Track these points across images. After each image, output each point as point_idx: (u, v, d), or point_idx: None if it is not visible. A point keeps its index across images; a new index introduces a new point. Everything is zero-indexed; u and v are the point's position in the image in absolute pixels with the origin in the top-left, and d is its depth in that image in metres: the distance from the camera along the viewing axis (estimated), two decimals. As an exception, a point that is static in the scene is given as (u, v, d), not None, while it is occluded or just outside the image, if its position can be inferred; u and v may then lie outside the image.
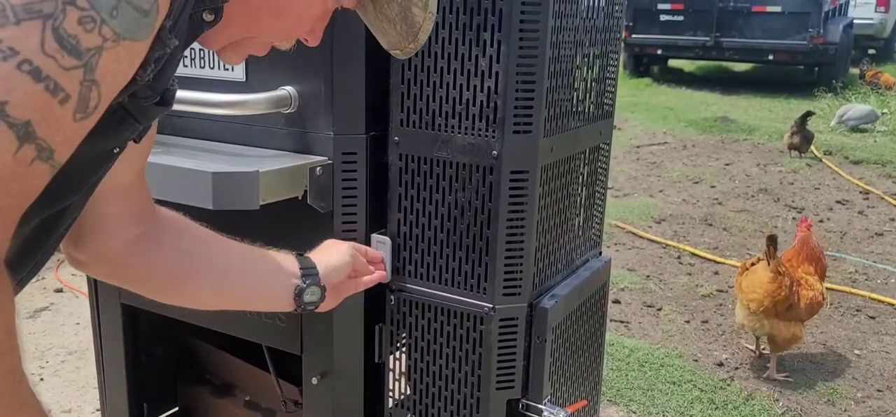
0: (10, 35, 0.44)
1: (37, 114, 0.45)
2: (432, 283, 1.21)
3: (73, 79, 0.46)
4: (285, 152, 1.19)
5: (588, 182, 1.37)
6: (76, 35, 0.46)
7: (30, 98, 0.44)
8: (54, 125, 0.46)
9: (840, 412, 2.31)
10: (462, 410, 1.24)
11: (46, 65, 0.45)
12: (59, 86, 0.45)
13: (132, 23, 0.49)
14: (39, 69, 0.44)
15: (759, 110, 7.77)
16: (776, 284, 2.29)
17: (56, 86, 0.45)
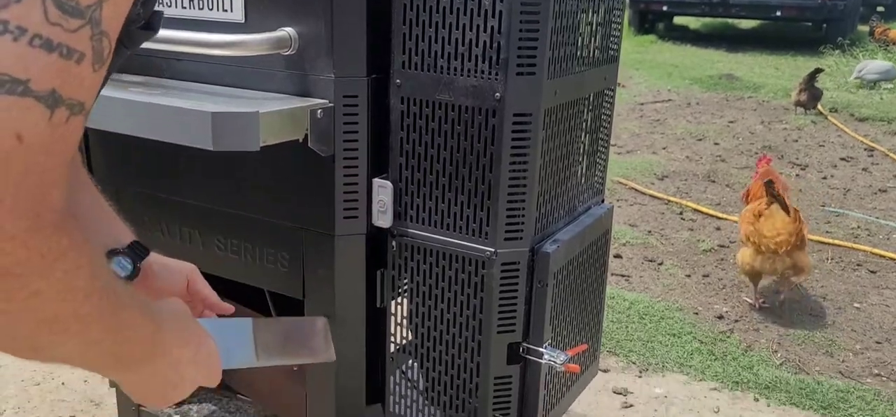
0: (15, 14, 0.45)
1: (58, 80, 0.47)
2: (434, 228, 1.21)
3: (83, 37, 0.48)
4: (285, 95, 1.18)
5: (592, 128, 1.36)
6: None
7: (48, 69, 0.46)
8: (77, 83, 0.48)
9: (838, 363, 2.33)
10: (463, 354, 1.25)
11: (54, 33, 0.46)
12: (71, 49, 0.47)
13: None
14: (50, 39, 0.46)
15: (765, 67, 7.69)
16: (797, 222, 2.47)
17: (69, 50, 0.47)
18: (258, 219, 1.29)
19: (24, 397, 1.99)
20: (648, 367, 2.27)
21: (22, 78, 0.45)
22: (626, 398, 2.10)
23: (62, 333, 0.54)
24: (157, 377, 0.69)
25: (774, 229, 2.47)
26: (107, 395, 1.98)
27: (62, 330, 0.53)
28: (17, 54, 0.45)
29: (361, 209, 1.22)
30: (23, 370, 2.11)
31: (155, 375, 0.69)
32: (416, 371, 1.33)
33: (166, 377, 0.70)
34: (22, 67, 0.45)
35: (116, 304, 0.58)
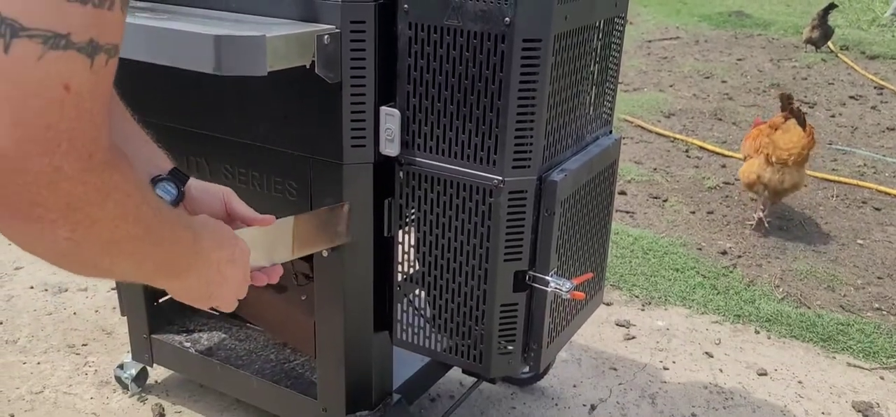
0: None
1: (95, 30, 0.50)
2: (441, 156, 1.21)
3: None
4: (292, 20, 1.17)
5: (601, 56, 1.34)
6: None
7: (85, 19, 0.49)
8: (111, 27, 0.51)
9: (839, 297, 2.36)
10: (470, 281, 1.26)
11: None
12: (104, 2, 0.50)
13: None
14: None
15: (775, 4, 7.55)
16: (810, 137, 2.62)
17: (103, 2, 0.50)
18: (265, 148, 1.29)
19: (38, 326, 2.03)
20: (651, 301, 2.30)
21: (63, 32, 0.48)
22: (629, 330, 2.13)
23: (119, 254, 0.60)
24: (201, 280, 0.77)
25: (791, 142, 2.59)
26: (118, 324, 2.01)
27: (118, 251, 0.60)
28: (56, 9, 0.47)
29: (369, 137, 1.22)
30: (35, 300, 2.15)
31: (199, 278, 0.77)
32: (422, 299, 1.35)
33: (210, 278, 0.78)
34: (62, 22, 0.48)
35: (162, 222, 0.65)
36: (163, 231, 0.66)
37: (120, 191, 0.57)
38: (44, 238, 0.54)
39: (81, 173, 0.52)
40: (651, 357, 2.01)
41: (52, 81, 0.48)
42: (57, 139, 0.49)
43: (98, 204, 0.55)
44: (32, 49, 0.47)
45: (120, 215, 0.58)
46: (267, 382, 1.52)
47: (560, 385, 1.87)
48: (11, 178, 0.49)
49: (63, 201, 0.52)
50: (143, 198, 0.61)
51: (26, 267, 2.30)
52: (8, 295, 2.16)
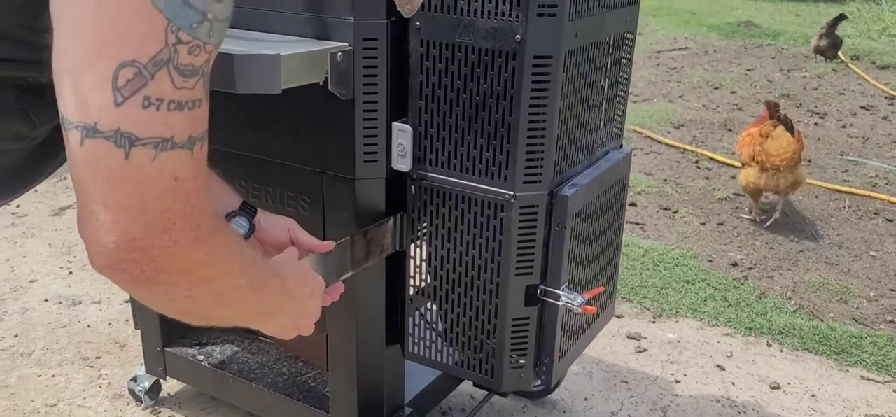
0: (152, 89, 0.58)
1: (191, 128, 0.61)
2: (453, 171, 1.22)
3: (199, 87, 0.61)
4: (305, 38, 1.18)
5: (612, 71, 1.35)
6: (190, 63, 0.60)
7: (183, 123, 0.60)
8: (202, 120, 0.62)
9: (852, 309, 2.34)
10: (481, 296, 1.27)
11: (181, 95, 0.59)
12: (195, 101, 0.61)
13: (222, 32, 0.63)
14: (180, 102, 0.59)
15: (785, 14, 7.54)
16: (799, 142, 2.75)
17: (193, 103, 0.60)
18: (279, 163, 1.30)
19: (52, 338, 2.05)
20: (662, 313, 2.29)
21: (167, 136, 0.59)
22: (640, 343, 2.13)
23: (227, 303, 0.72)
24: (291, 316, 0.88)
25: (781, 148, 2.73)
26: (131, 337, 2.03)
27: (226, 300, 0.71)
28: (160, 120, 0.58)
29: (381, 152, 1.23)
30: (50, 313, 2.17)
31: (290, 315, 0.88)
32: (434, 313, 1.35)
33: (298, 313, 0.89)
34: (166, 129, 0.59)
35: (258, 272, 0.77)
36: (260, 278, 0.77)
37: (225, 250, 0.68)
38: (166, 297, 0.65)
39: (194, 242, 0.63)
40: (662, 370, 2.01)
41: (164, 176, 0.59)
42: (173, 219, 0.61)
43: (210, 265, 0.66)
44: (147, 154, 0.58)
45: (227, 271, 0.69)
46: (279, 395, 1.53)
47: (571, 398, 1.87)
48: (142, 255, 0.61)
49: (181, 267, 0.63)
50: (243, 254, 0.73)
51: (41, 280, 2.32)
52: (23, 308, 2.18)
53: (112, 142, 0.57)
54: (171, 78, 0.58)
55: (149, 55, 0.57)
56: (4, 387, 1.84)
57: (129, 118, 0.57)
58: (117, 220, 0.59)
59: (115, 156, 0.57)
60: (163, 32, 0.57)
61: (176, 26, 0.58)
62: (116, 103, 0.57)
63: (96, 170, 0.59)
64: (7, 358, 1.95)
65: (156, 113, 0.58)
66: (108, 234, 0.60)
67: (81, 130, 0.58)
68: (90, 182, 0.60)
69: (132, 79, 0.57)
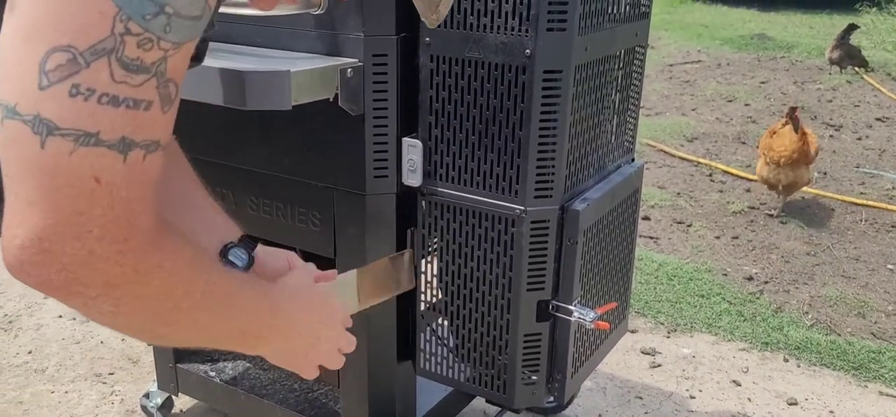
0: (84, 77, 0.52)
1: (128, 128, 0.55)
2: (464, 186, 1.22)
3: (149, 87, 0.55)
4: (315, 54, 1.19)
5: (622, 85, 1.34)
6: (138, 56, 0.54)
7: (116, 120, 0.54)
8: (147, 126, 0.56)
9: (870, 324, 2.31)
10: (493, 311, 1.26)
11: (120, 90, 0.54)
12: (137, 100, 0.55)
13: (186, 30, 0.56)
14: (116, 96, 0.53)
15: (798, 26, 7.50)
16: (801, 140, 2.93)
17: (135, 101, 0.54)
18: (290, 179, 1.30)
19: (66, 355, 2.06)
20: (677, 328, 2.27)
21: (92, 131, 0.53)
22: (654, 358, 2.11)
23: (171, 324, 0.65)
24: (291, 343, 0.81)
25: (782, 145, 2.94)
26: (144, 353, 2.03)
27: (171, 321, 0.64)
28: (87, 112, 0.53)
29: (391, 168, 1.23)
30: (63, 329, 2.18)
31: (288, 342, 0.81)
32: (445, 328, 1.34)
33: (303, 340, 0.83)
34: (92, 122, 0.53)
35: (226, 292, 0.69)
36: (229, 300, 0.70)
37: (165, 268, 0.61)
38: (89, 310, 0.59)
39: (117, 255, 0.57)
40: (677, 386, 1.98)
41: (82, 174, 0.53)
42: (88, 225, 0.54)
43: (139, 282, 0.59)
44: (64, 146, 0.52)
45: (166, 291, 0.62)
46: (291, 412, 1.52)
47: (585, 414, 1.85)
48: (49, 259, 0.54)
49: (100, 280, 0.57)
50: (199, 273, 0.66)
51: (55, 297, 2.34)
52: (37, 324, 2.20)
53: (29, 127, 0.52)
54: (110, 69, 0.53)
55: (89, 42, 0.52)
56: (18, 404, 1.85)
57: (52, 104, 0.52)
58: (25, 215, 0.54)
59: (31, 143, 0.52)
60: (110, 20, 0.53)
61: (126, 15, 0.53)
62: (40, 86, 0.52)
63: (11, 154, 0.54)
64: (21, 375, 1.96)
65: (83, 103, 0.53)
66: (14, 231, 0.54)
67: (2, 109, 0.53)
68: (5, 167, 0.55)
69: (64, 63, 0.52)
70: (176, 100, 0.59)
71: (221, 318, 0.70)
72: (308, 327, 0.83)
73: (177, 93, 0.59)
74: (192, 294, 0.64)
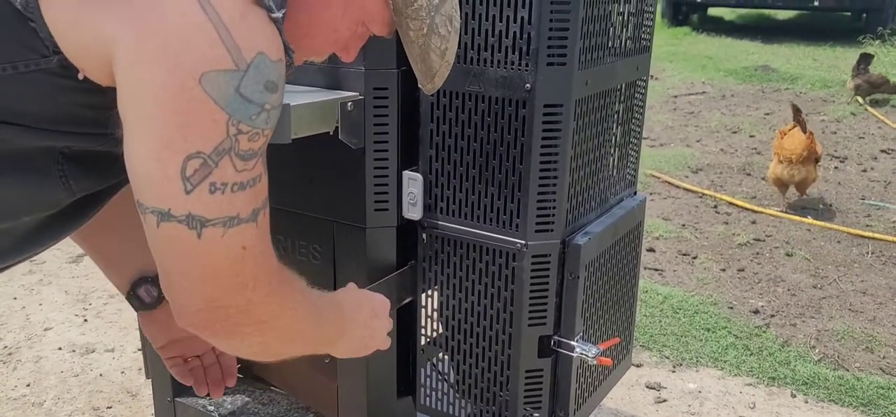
0: (218, 175, 0.66)
1: (255, 202, 0.70)
2: (464, 220, 1.21)
3: (259, 165, 0.70)
4: (316, 88, 1.19)
5: (624, 119, 1.34)
6: (249, 148, 0.68)
7: (247, 200, 0.69)
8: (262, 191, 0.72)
9: (878, 359, 2.27)
10: (494, 346, 1.24)
11: (242, 177, 0.68)
12: (254, 179, 0.69)
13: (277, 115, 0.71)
14: (242, 183, 0.68)
15: (802, 59, 7.51)
16: (810, 140, 3.30)
17: (253, 180, 0.69)
18: (290, 212, 1.30)
19: (64, 388, 2.04)
20: (682, 362, 2.24)
21: (233, 215, 0.68)
22: (660, 393, 2.08)
23: (292, 341, 0.83)
24: (354, 339, 0.99)
25: (794, 144, 3.31)
26: (143, 386, 2.01)
27: (292, 339, 0.83)
28: (226, 202, 0.67)
29: (392, 201, 1.23)
30: (63, 361, 2.16)
31: (353, 338, 0.98)
32: (446, 363, 1.33)
33: (362, 335, 1.00)
34: (231, 208, 0.68)
35: (320, 310, 0.89)
36: (321, 316, 0.89)
37: (291, 300, 0.79)
38: (243, 345, 0.77)
39: (266, 297, 0.74)
40: (683, 422, 1.95)
41: (233, 247, 0.69)
42: (244, 281, 0.71)
43: (280, 315, 0.76)
44: (217, 232, 0.67)
45: (293, 317, 0.79)
46: (289, 448, 1.50)
47: (589, 450, 1.82)
48: (221, 313, 0.71)
49: (256, 319, 0.74)
50: (306, 299, 0.84)
51: (55, 328, 2.33)
52: (36, 357, 2.18)
53: (185, 224, 0.66)
54: (233, 164, 0.66)
55: (212, 146, 0.64)
56: (15, 437, 1.83)
57: (199, 204, 0.65)
58: (196, 288, 0.69)
59: (189, 236, 0.66)
60: (224, 126, 0.64)
61: (237, 120, 0.65)
62: (186, 191, 0.65)
63: (174, 247, 0.67)
64: (18, 408, 1.95)
65: (221, 196, 0.66)
66: (190, 297, 0.70)
67: (157, 215, 0.66)
68: (169, 257, 0.69)
69: (199, 168, 0.64)
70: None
71: (319, 330, 0.89)
72: (363, 322, 0.99)
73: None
74: (308, 316, 0.83)
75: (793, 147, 3.30)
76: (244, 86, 0.65)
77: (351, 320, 0.97)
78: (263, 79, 0.66)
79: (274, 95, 0.67)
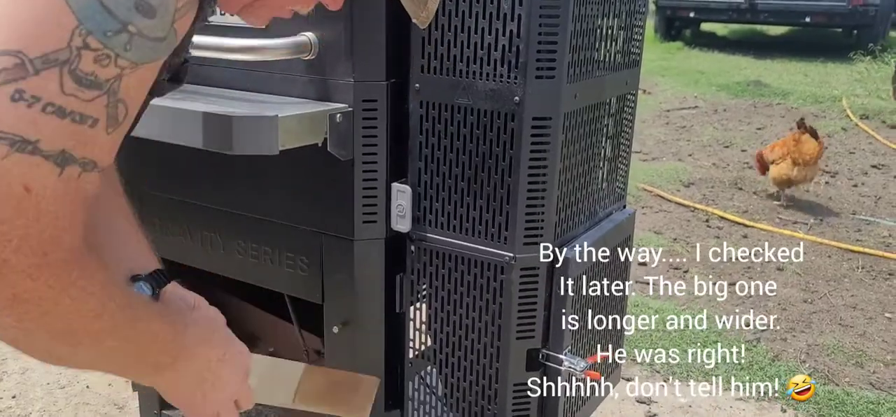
0: (32, 84, 0.51)
1: (69, 142, 0.53)
2: (453, 232, 1.20)
3: (98, 105, 0.54)
4: (305, 99, 1.19)
5: (613, 132, 1.34)
6: (93, 71, 0.53)
7: (58, 131, 0.53)
8: (89, 143, 0.55)
9: (868, 373, 2.28)
10: (482, 360, 1.24)
11: (68, 102, 0.53)
12: (84, 116, 0.54)
13: (148, 50, 0.56)
14: (63, 107, 0.52)
15: (793, 74, 7.58)
16: (821, 144, 3.78)
17: (82, 116, 0.53)
18: (278, 223, 1.29)
19: (50, 400, 2.02)
20: (673, 376, 2.24)
21: (31, 138, 0.52)
22: (650, 407, 2.08)
23: (75, 345, 0.62)
24: (187, 377, 0.77)
25: (811, 149, 3.76)
26: (130, 399, 2.00)
27: (75, 342, 0.62)
28: (28, 119, 0.51)
29: (380, 213, 1.22)
30: (49, 373, 2.15)
31: (185, 375, 0.76)
32: (434, 376, 1.32)
33: (199, 376, 0.78)
34: (33, 129, 0.51)
35: (133, 318, 0.67)
36: (135, 326, 0.67)
37: (77, 288, 0.58)
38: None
39: (31, 268, 0.54)
40: (673, 437, 1.95)
41: (12, 180, 0.51)
42: (8, 234, 0.52)
43: (50, 298, 0.57)
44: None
45: (75, 310, 0.59)
46: (276, 461, 1.49)
47: (578, 465, 1.81)
48: None
49: (8, 292, 0.54)
50: (110, 297, 0.63)
51: (43, 339, 2.31)
52: (23, 368, 2.17)
53: None
54: (60, 80, 0.52)
55: (41, 51, 0.52)
56: (0, 450, 1.81)
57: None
58: None
59: None
60: (68, 32, 0.52)
61: (86, 29, 0.53)
62: None
63: None
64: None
65: (25, 109, 0.52)
66: None
67: None
68: None
69: (9, 67, 0.51)
70: (123, 123, 0.57)
71: (128, 343, 0.67)
72: (207, 363, 0.78)
73: (125, 116, 0.57)
74: (102, 316, 0.62)
75: (809, 151, 3.75)
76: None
77: (191, 351, 0.76)
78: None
79: (146, 20, 0.55)
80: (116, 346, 0.66)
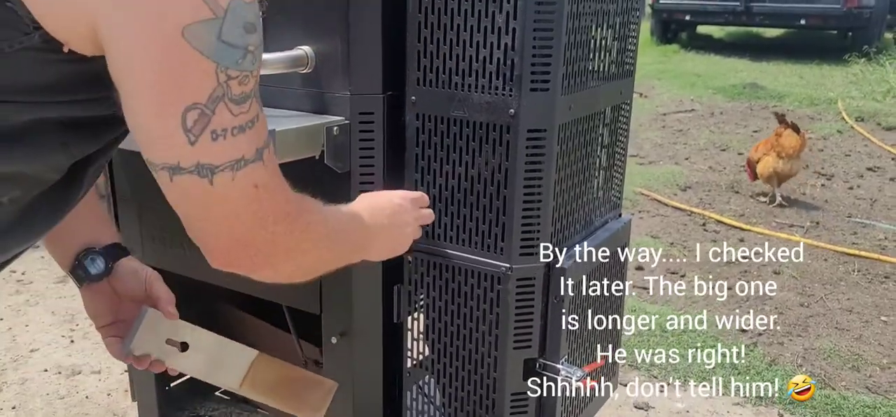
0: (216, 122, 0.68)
1: (256, 142, 0.73)
2: (449, 243, 1.21)
3: (254, 107, 0.72)
4: (302, 112, 1.20)
5: (608, 142, 1.35)
6: (241, 91, 0.69)
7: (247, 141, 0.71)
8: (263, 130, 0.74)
9: (864, 377, 2.29)
10: (479, 369, 1.24)
11: (239, 120, 0.70)
12: (252, 120, 0.71)
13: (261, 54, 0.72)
14: (240, 125, 0.70)
15: (789, 76, 7.60)
16: (803, 138, 3.88)
17: (252, 122, 0.71)
18: (276, 235, 1.30)
19: (50, 410, 2.03)
20: (670, 381, 2.25)
21: (238, 157, 0.71)
22: (648, 413, 2.08)
23: (322, 260, 0.92)
24: (383, 241, 1.08)
25: (792, 142, 3.82)
26: (129, 408, 2.00)
27: (325, 258, 0.92)
28: (230, 146, 0.70)
29: (377, 225, 1.23)
30: (49, 383, 2.15)
31: (382, 241, 1.08)
32: (432, 386, 1.33)
33: (390, 236, 1.09)
34: (236, 151, 0.71)
35: (341, 226, 0.96)
36: (345, 231, 0.97)
37: (314, 223, 0.85)
38: (277, 274, 0.83)
39: (289, 228, 0.79)
40: (670, 442, 1.96)
41: (246, 188, 0.72)
42: (264, 217, 0.75)
43: (305, 239, 0.82)
44: (227, 176, 0.71)
45: (318, 239, 0.86)
46: (275, 471, 1.49)
47: (576, 471, 1.82)
48: (250, 250, 0.76)
49: (282, 250, 0.79)
50: (326, 219, 0.90)
51: (42, 349, 2.31)
52: (22, 379, 2.17)
53: (196, 174, 0.69)
54: (228, 109, 0.68)
55: (206, 95, 0.67)
56: (-1, 461, 1.82)
57: (205, 152, 0.68)
58: (221, 230, 0.74)
59: (202, 184, 0.70)
60: (213, 75, 0.66)
61: (224, 66, 0.67)
62: (191, 143, 0.67)
63: (190, 197, 0.71)
64: (3, 431, 1.93)
65: (224, 142, 0.69)
66: (217, 239, 0.75)
67: (168, 170, 0.69)
68: (187, 207, 0.73)
69: (198, 119, 0.67)
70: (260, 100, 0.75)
71: (345, 244, 0.96)
72: (387, 224, 1.07)
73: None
74: (331, 235, 0.90)
75: (790, 144, 3.83)
76: (225, 32, 0.66)
77: (374, 225, 1.03)
78: (241, 22, 0.68)
79: (254, 35, 0.69)
80: (343, 249, 0.96)
